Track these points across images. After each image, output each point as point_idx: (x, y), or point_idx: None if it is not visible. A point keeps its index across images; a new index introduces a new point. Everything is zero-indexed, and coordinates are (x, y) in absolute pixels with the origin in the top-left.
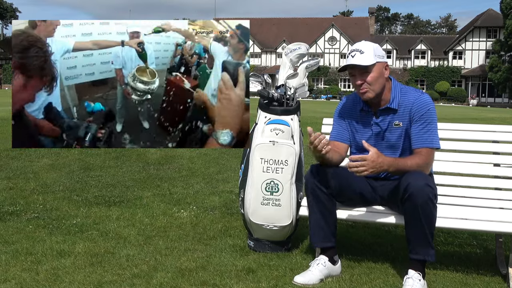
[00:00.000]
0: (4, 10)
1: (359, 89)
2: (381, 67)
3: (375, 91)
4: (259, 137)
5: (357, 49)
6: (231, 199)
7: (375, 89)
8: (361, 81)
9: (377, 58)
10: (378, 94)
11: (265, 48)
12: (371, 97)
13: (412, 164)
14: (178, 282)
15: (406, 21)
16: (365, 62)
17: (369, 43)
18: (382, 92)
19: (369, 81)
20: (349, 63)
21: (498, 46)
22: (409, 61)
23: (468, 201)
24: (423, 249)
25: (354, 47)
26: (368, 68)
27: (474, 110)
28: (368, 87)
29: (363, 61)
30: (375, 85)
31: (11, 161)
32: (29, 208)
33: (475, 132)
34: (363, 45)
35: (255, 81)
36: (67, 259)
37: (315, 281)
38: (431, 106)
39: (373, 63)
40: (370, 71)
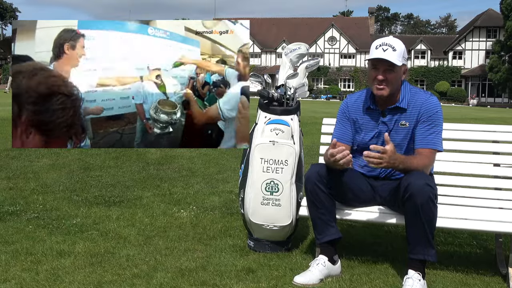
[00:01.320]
0: (4, 10)
1: (377, 84)
2: (403, 69)
3: (391, 91)
4: (259, 137)
5: (390, 44)
6: (231, 199)
7: (391, 89)
8: (383, 77)
9: (404, 60)
10: (391, 94)
11: (265, 48)
12: (385, 96)
13: (418, 164)
14: (178, 282)
15: (406, 21)
16: (396, 60)
17: (401, 42)
18: (395, 93)
19: (390, 80)
20: (382, 57)
21: (498, 47)
22: (409, 61)
23: (468, 201)
24: (423, 249)
25: (387, 41)
26: (395, 68)
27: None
28: (386, 86)
29: (395, 59)
30: (393, 86)
31: (11, 161)
32: (29, 208)
33: (475, 132)
34: (397, 43)
35: (255, 81)
36: (67, 259)
37: (315, 281)
38: (439, 109)
39: (401, 64)
40: (395, 71)
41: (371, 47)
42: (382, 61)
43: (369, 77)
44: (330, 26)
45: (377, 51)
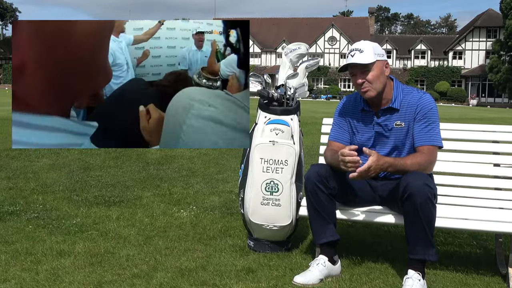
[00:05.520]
0: (4, 10)
1: (361, 88)
2: (381, 65)
3: (377, 90)
4: (259, 137)
5: (356, 48)
6: (231, 199)
7: (376, 88)
8: (362, 80)
9: (377, 56)
10: (380, 93)
11: (265, 48)
12: (373, 96)
13: (413, 164)
14: (178, 282)
15: (406, 21)
16: (365, 60)
17: (368, 42)
18: (384, 91)
19: (369, 79)
20: (349, 62)
21: (498, 46)
22: (409, 61)
23: (468, 201)
24: (422, 249)
25: (353, 47)
26: (368, 67)
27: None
28: (370, 86)
29: (363, 59)
30: (376, 84)
31: (11, 161)
32: (29, 208)
33: (475, 132)
34: (362, 44)
35: (255, 81)
36: (67, 259)
37: (315, 281)
38: (434, 106)
39: (373, 61)
40: (370, 70)
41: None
42: (354, 66)
43: (353, 84)
44: (330, 26)
45: (347, 60)
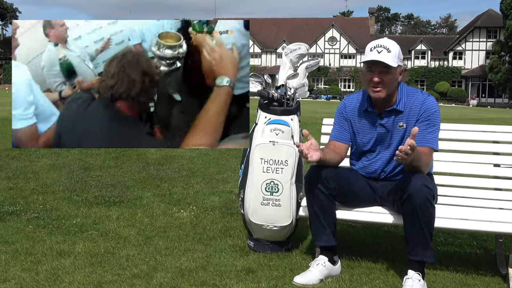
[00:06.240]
0: (4, 10)
1: (373, 86)
2: (399, 70)
3: (387, 93)
4: (259, 137)
5: (384, 46)
6: (231, 199)
7: (388, 91)
8: (379, 79)
9: (399, 61)
10: (388, 96)
11: (265, 48)
12: (382, 98)
13: (423, 161)
14: (178, 282)
15: (406, 21)
16: (391, 62)
17: (395, 43)
18: (392, 95)
19: (386, 82)
20: (376, 59)
21: (498, 47)
22: (409, 61)
23: (468, 201)
24: (421, 250)
25: (380, 43)
26: (391, 69)
27: (474, 110)
28: (383, 87)
29: (390, 60)
30: (389, 87)
31: (11, 161)
32: (29, 208)
33: (475, 133)
34: (391, 44)
35: (255, 81)
36: (67, 259)
37: (315, 281)
38: (437, 109)
39: (396, 65)
40: (390, 72)
41: (366, 50)
42: (377, 63)
43: (365, 79)
44: (330, 26)
45: (371, 53)
